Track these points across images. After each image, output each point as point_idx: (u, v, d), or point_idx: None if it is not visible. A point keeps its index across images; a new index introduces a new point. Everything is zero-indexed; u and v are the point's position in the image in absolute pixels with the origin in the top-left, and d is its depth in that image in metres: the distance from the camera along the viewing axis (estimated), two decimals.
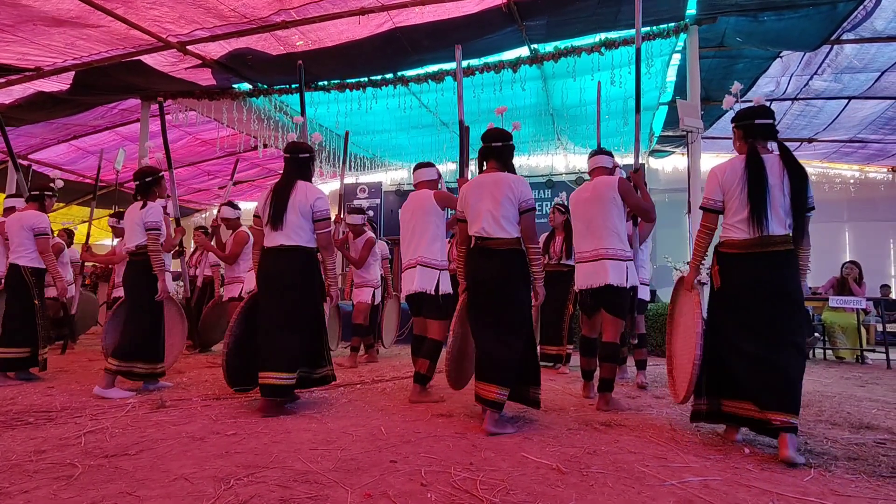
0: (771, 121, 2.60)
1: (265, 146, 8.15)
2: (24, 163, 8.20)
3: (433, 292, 3.48)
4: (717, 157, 9.61)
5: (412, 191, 3.85)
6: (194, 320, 5.21)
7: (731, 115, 2.83)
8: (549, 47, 5.94)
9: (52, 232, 4.49)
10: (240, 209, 5.47)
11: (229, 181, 6.32)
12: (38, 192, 4.25)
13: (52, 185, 4.42)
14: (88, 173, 9.22)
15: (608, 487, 1.92)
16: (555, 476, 2.03)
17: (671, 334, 2.96)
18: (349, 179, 10.98)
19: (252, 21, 5.17)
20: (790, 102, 7.14)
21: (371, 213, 10.18)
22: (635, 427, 2.81)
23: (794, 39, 5.51)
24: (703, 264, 2.77)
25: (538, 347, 4.83)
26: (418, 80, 6.42)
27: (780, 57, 6.04)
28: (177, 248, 4.20)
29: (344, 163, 5.99)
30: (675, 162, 10.24)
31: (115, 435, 2.54)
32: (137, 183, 3.72)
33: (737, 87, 2.94)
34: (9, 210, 4.91)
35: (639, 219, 3.67)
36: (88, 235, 6.01)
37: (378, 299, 5.37)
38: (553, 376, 4.52)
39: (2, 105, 6.56)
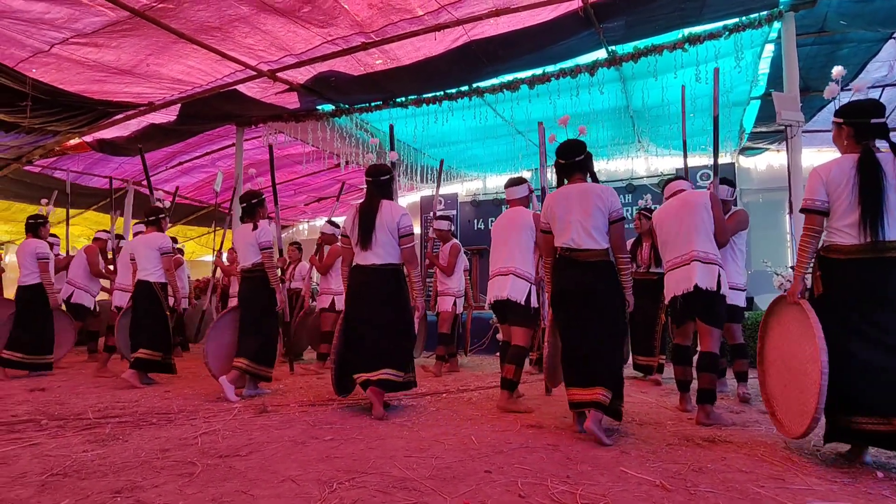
0: (884, 119, 2.38)
1: (347, 163, 8.51)
2: (142, 189, 9.12)
3: (524, 302, 3.53)
4: (818, 152, 8.82)
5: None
6: (289, 331, 5.51)
7: (833, 106, 2.59)
8: (627, 48, 5.76)
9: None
10: (338, 226, 5.76)
11: (335, 201, 6.90)
12: (154, 217, 4.72)
13: (161, 206, 4.91)
14: (190, 195, 10.08)
15: None
16: (659, 493, 1.93)
17: (764, 372, 2.75)
18: (426, 192, 11.19)
19: (335, 41, 5.42)
20: None
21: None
22: (743, 444, 2.62)
23: None
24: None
25: (630, 356, 4.67)
26: (493, 90, 6.45)
27: (894, 37, 5.47)
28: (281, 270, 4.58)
29: (438, 186, 6.38)
30: (768, 159, 9.52)
31: (227, 437, 2.73)
32: (244, 205, 4.06)
33: (839, 71, 2.69)
34: (139, 234, 5.54)
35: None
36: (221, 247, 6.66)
37: (460, 308, 5.42)
38: (645, 388, 4.33)
39: (121, 138, 7.35)
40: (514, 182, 3.84)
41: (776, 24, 5.25)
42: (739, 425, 3.04)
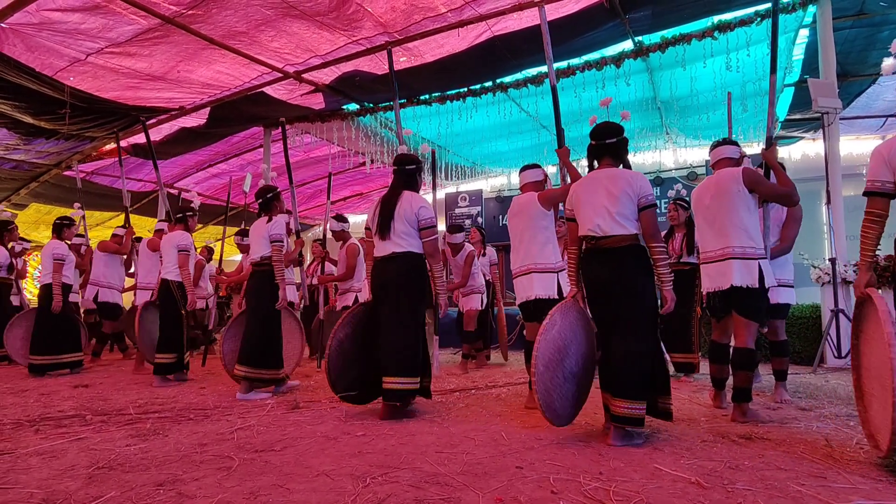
0: None
1: (372, 161, 8.58)
2: (173, 191, 9.37)
3: (556, 296, 3.31)
4: (857, 140, 8.50)
5: (512, 197, 3.78)
6: (313, 328, 5.59)
7: (873, 91, 2.46)
8: (655, 38, 5.65)
9: (195, 249, 5.08)
10: (346, 221, 5.64)
11: (327, 201, 6.69)
12: (181, 215, 4.82)
13: (191, 204, 5.02)
14: (222, 196, 10.30)
15: None
16: (695, 491, 1.90)
17: (859, 365, 2.42)
18: (450, 189, 11.21)
19: (359, 42, 5.47)
20: None
21: (468, 222, 10.33)
22: (781, 441, 2.55)
23: None
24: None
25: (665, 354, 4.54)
26: (517, 85, 6.41)
27: None
28: (296, 259, 4.56)
29: (434, 177, 6.20)
30: (803, 148, 9.22)
31: (261, 432, 2.79)
32: (260, 200, 4.09)
33: None
34: (159, 232, 5.66)
35: (769, 207, 3.28)
36: (221, 259, 6.64)
37: (485, 304, 5.41)
38: (677, 385, 4.25)
39: (154, 142, 7.55)
40: (528, 166, 3.64)
41: (811, 8, 5.08)
42: (777, 422, 2.96)
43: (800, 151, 9.25)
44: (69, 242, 5.41)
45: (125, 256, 6.18)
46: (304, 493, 1.91)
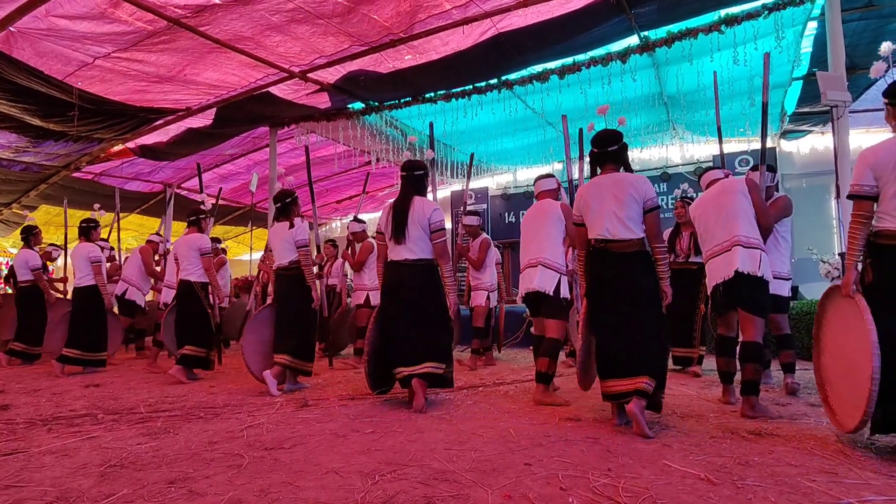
0: None
1: (378, 160, 8.59)
2: (180, 192, 9.43)
3: (552, 293, 3.52)
4: (866, 133, 8.41)
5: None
6: (327, 326, 5.61)
7: (882, 84, 2.49)
8: (661, 32, 5.61)
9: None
10: (365, 223, 5.84)
11: (361, 195, 6.96)
12: (195, 217, 4.86)
13: (202, 207, 5.06)
14: (229, 196, 10.36)
15: (770, 502, 1.75)
16: (704, 487, 1.90)
17: (820, 354, 2.68)
18: (456, 186, 11.19)
19: (364, 44, 5.49)
20: None
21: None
22: (791, 437, 2.54)
23: None
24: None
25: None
26: (522, 82, 6.38)
27: None
28: (319, 266, 4.66)
29: (468, 180, 6.31)
30: (812, 142, 9.13)
31: (271, 430, 2.81)
32: (278, 205, 4.14)
33: (887, 47, 2.58)
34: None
35: None
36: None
37: (494, 302, 5.42)
38: (684, 380, 4.24)
39: (161, 143, 7.61)
40: (543, 176, 3.91)
41: (819, 0, 5.02)
42: (787, 418, 2.95)
43: (808, 145, 9.17)
44: (99, 244, 5.53)
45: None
46: (313, 491, 1.92)
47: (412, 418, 3.03)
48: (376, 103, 7.17)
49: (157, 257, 6.47)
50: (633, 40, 5.75)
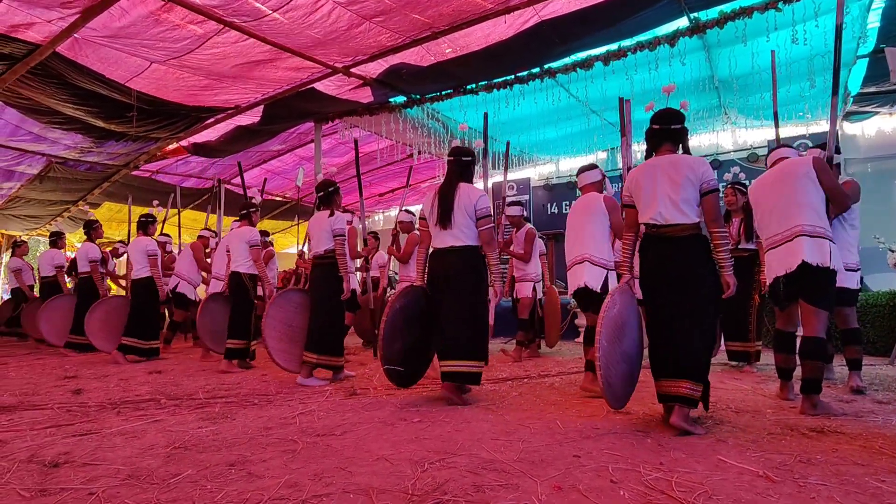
0: None
1: (419, 153, 8.63)
2: (229, 187, 9.76)
3: (599, 290, 3.44)
4: None
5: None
6: (370, 318, 5.72)
7: None
8: (712, 13, 5.37)
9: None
10: (413, 214, 5.89)
11: (405, 188, 7.05)
12: (245, 211, 5.04)
13: (253, 201, 5.25)
14: (276, 192, 10.66)
15: (836, 502, 1.68)
16: (763, 484, 1.84)
17: None
18: (497, 178, 11.11)
19: (405, 38, 5.51)
20: None
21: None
22: (857, 435, 2.42)
23: None
24: None
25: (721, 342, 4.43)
26: (566, 70, 6.26)
27: None
28: (362, 258, 4.70)
29: (506, 169, 6.38)
30: (878, 124, 8.56)
31: (322, 417, 2.90)
32: (321, 194, 4.23)
33: None
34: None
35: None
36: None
37: (540, 294, 5.37)
38: (738, 375, 4.09)
39: (211, 141, 7.90)
40: (586, 168, 3.79)
41: None
42: (851, 415, 2.80)
43: (874, 127, 8.60)
44: (157, 239, 5.85)
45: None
46: (365, 476, 1.97)
47: (458, 409, 3.06)
48: (418, 96, 7.20)
49: (207, 250, 6.75)
50: (682, 22, 5.53)
